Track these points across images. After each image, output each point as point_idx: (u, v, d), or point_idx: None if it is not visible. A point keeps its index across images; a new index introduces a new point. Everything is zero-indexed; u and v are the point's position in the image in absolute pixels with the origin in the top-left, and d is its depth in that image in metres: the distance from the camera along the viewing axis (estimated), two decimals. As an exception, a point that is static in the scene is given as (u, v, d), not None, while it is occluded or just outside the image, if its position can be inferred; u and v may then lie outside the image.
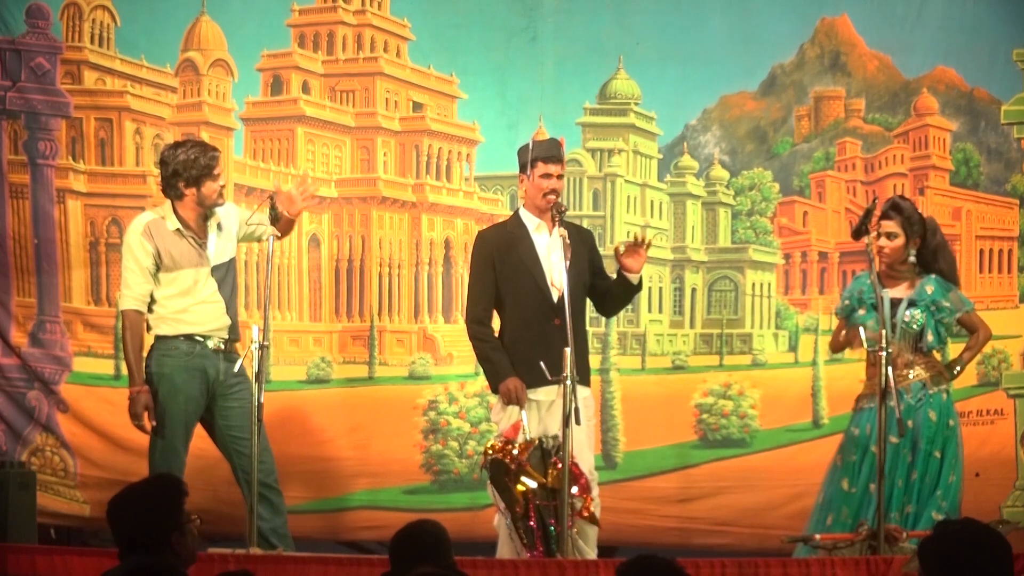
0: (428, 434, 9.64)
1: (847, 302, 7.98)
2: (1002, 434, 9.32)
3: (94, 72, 9.76)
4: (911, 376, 7.80)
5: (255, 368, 7.33)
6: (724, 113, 9.69)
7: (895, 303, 7.84)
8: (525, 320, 7.64)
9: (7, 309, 9.57)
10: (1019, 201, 9.50)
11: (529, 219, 7.79)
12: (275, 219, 7.70)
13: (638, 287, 7.75)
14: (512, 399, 7.54)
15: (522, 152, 7.85)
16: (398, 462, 9.61)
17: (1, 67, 9.60)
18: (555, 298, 7.59)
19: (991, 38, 9.39)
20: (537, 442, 7.21)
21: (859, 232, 7.75)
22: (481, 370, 9.69)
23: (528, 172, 7.76)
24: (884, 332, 7.43)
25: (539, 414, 7.48)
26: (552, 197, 7.69)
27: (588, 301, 7.90)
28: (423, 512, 8.70)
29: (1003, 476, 9.23)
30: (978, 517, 4.82)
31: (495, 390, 7.69)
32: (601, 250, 8.23)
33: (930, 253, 7.93)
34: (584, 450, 7.44)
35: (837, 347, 8.21)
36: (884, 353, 7.35)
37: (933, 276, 7.92)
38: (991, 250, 9.60)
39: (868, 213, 7.78)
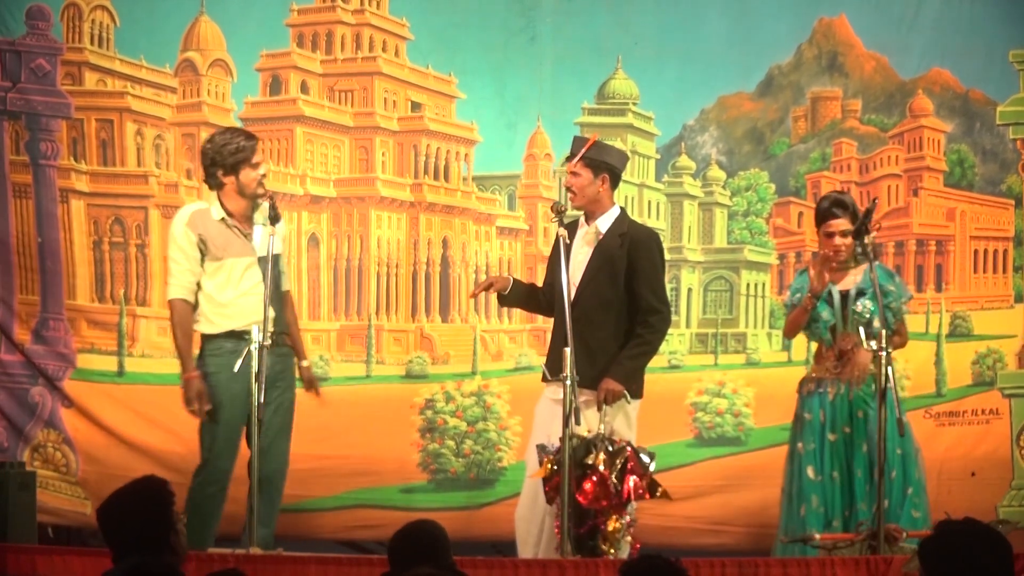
0: (425, 433, 9.65)
1: (796, 295, 7.97)
2: (998, 434, 9.35)
3: (94, 73, 9.77)
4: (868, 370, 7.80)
5: (255, 368, 7.32)
6: (721, 113, 9.71)
7: (844, 295, 7.85)
8: (557, 315, 7.65)
9: (9, 307, 9.58)
10: (1015, 202, 9.53)
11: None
12: (274, 218, 7.68)
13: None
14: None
15: None
16: (395, 461, 9.62)
17: (1, 68, 9.60)
18: (573, 295, 7.55)
19: (987, 39, 9.42)
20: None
21: (859, 232, 7.77)
22: (477, 369, 9.76)
23: None
24: (884, 332, 7.44)
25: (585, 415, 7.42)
26: (568, 194, 7.71)
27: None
28: (420, 511, 8.73)
29: (999, 476, 9.27)
30: (975, 517, 4.83)
31: None
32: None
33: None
34: None
35: (791, 333, 8.18)
36: (884, 353, 7.36)
37: (877, 263, 7.85)
38: (986, 250, 9.63)
39: (868, 213, 7.79)
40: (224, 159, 7.65)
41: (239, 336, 7.60)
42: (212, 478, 7.62)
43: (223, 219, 7.69)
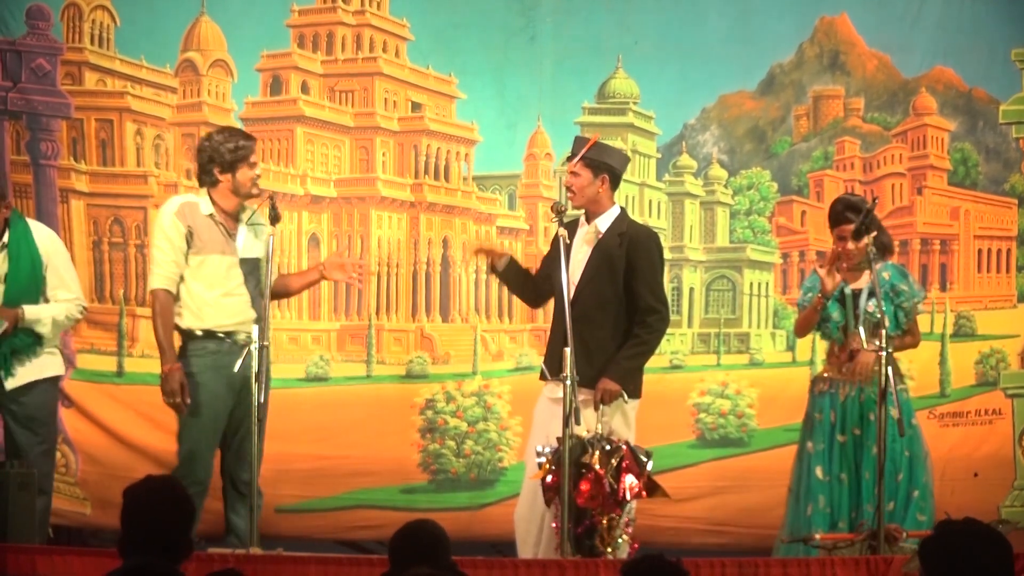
0: (425, 433, 9.65)
1: (808, 295, 7.98)
2: (1000, 434, 9.34)
3: (94, 73, 9.77)
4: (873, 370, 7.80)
5: (255, 367, 7.31)
6: (723, 112, 9.70)
7: (856, 294, 7.85)
8: (556, 315, 7.63)
9: (9, 306, 9.59)
10: (1018, 201, 9.52)
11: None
12: (275, 219, 7.66)
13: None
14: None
15: None
16: (395, 461, 9.62)
17: (2, 68, 9.61)
18: (572, 295, 7.53)
19: (990, 38, 9.41)
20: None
21: (859, 232, 7.76)
22: (478, 370, 9.75)
23: None
24: (884, 332, 7.43)
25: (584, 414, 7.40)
26: (568, 194, 7.70)
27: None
28: (420, 511, 8.72)
29: (1001, 476, 9.26)
30: (977, 517, 4.81)
31: None
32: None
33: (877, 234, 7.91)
34: None
35: (802, 332, 8.19)
36: (884, 353, 7.35)
37: (890, 263, 7.91)
38: (989, 250, 9.62)
39: (868, 213, 7.77)
40: (223, 157, 7.65)
41: (221, 338, 7.60)
42: (195, 478, 7.57)
43: (211, 215, 7.67)
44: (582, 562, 6.89)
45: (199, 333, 7.66)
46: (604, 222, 7.65)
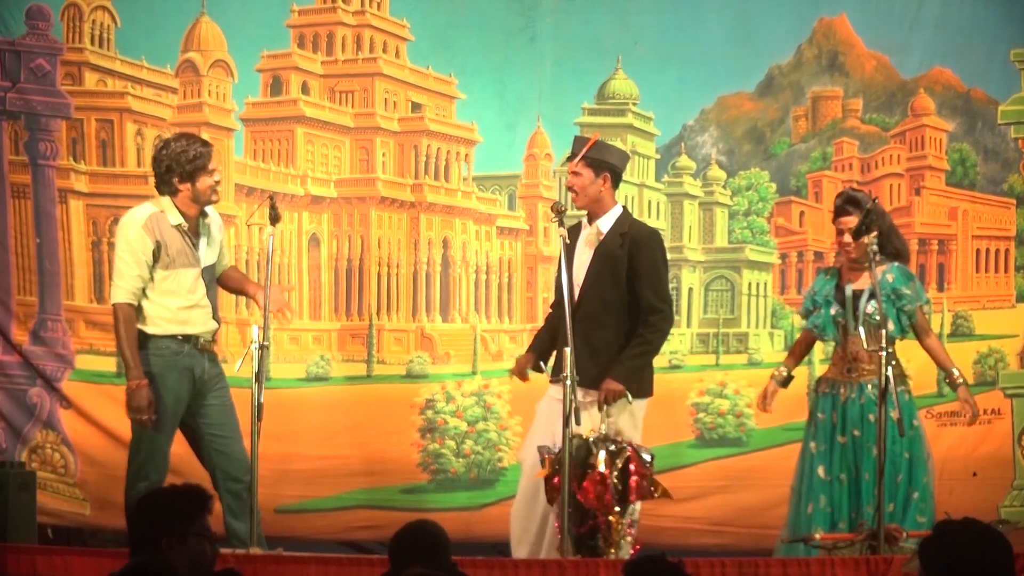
0: (425, 433, 9.65)
1: (808, 302, 7.99)
2: (999, 434, 9.35)
3: (95, 73, 9.77)
4: (871, 371, 7.80)
5: (255, 368, 7.28)
6: (722, 113, 9.71)
7: (856, 295, 7.85)
8: (559, 316, 7.63)
9: (7, 307, 9.57)
10: (1016, 201, 9.52)
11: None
12: (275, 218, 7.64)
13: None
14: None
15: None
16: (395, 461, 9.62)
17: (1, 68, 9.61)
18: (576, 296, 7.53)
19: (988, 38, 9.42)
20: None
21: (858, 232, 7.76)
22: (478, 369, 9.76)
23: None
24: (885, 332, 7.44)
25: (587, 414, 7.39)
26: (571, 194, 7.70)
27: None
28: (420, 511, 8.74)
29: (1000, 476, 9.27)
30: (976, 517, 4.82)
31: None
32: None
33: (884, 236, 7.89)
34: None
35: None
36: (884, 353, 7.36)
37: (895, 264, 7.88)
38: (988, 250, 9.63)
39: (868, 213, 7.78)
40: (182, 166, 7.48)
41: (182, 339, 7.53)
42: (151, 478, 7.51)
43: (178, 225, 7.53)
44: (582, 562, 6.89)
45: (159, 334, 7.56)
46: (606, 223, 7.64)
